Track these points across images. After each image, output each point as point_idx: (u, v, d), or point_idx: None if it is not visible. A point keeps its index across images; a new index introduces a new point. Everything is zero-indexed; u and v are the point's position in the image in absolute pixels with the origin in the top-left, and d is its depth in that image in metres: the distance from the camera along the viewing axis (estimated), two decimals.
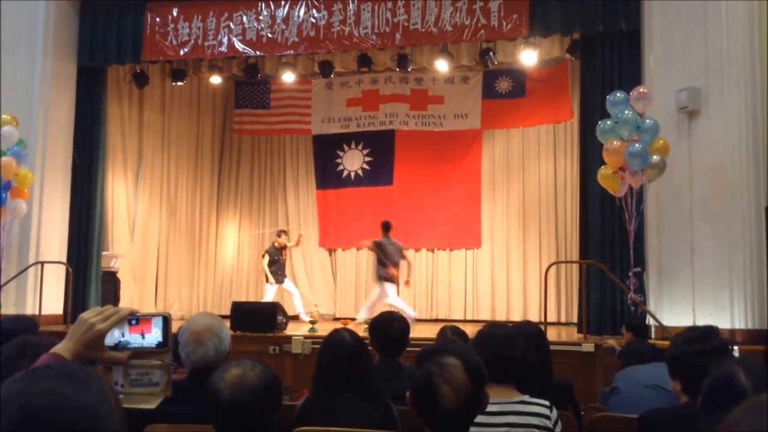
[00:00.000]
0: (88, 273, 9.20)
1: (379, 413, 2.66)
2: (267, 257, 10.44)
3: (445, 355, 1.89)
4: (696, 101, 6.87)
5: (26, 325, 3.95)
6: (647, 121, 6.74)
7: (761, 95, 6.67)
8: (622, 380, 3.45)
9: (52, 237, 8.95)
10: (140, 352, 1.48)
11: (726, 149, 6.69)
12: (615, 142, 6.84)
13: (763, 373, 2.02)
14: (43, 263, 8.48)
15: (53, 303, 8.74)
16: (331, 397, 2.66)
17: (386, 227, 9.79)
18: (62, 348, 1.40)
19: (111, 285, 9.69)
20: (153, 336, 1.49)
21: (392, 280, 9.52)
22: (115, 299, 9.51)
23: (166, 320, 1.50)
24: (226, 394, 1.93)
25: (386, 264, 9.48)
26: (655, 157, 6.65)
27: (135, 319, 1.48)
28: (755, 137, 6.63)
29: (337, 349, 2.80)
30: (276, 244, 10.62)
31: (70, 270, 8.75)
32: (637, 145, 6.70)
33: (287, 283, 10.68)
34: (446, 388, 1.82)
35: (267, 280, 10.44)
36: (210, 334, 2.67)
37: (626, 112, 6.79)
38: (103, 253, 9.64)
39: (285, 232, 10.91)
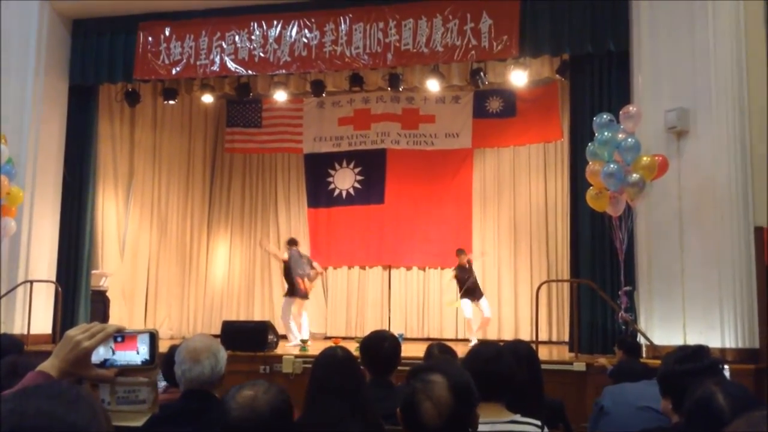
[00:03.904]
0: (77, 292, 9.15)
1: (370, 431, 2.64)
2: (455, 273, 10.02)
3: (431, 372, 1.90)
4: (684, 121, 6.93)
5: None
6: (629, 140, 6.77)
7: (749, 115, 6.74)
8: (610, 399, 3.42)
9: (42, 255, 8.90)
10: (127, 370, 1.47)
11: (715, 168, 6.75)
12: (596, 164, 6.89)
13: (741, 394, 2.02)
14: (32, 282, 8.43)
15: (42, 322, 8.67)
16: (323, 414, 2.64)
17: (293, 242, 9.97)
18: (48, 366, 1.38)
19: (100, 304, 9.63)
20: (139, 353, 1.48)
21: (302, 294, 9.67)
22: (104, 318, 9.43)
23: (153, 337, 1.49)
24: (234, 415, 1.91)
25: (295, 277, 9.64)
26: (634, 175, 6.67)
27: (121, 337, 1.47)
28: (743, 156, 6.70)
29: (329, 365, 2.79)
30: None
31: (60, 289, 8.69)
32: (611, 165, 6.74)
33: (482, 301, 10.11)
34: (428, 405, 1.82)
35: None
36: (207, 353, 2.68)
37: (606, 133, 6.83)
38: (93, 271, 9.59)
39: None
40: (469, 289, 9.93)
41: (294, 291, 9.61)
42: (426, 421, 1.82)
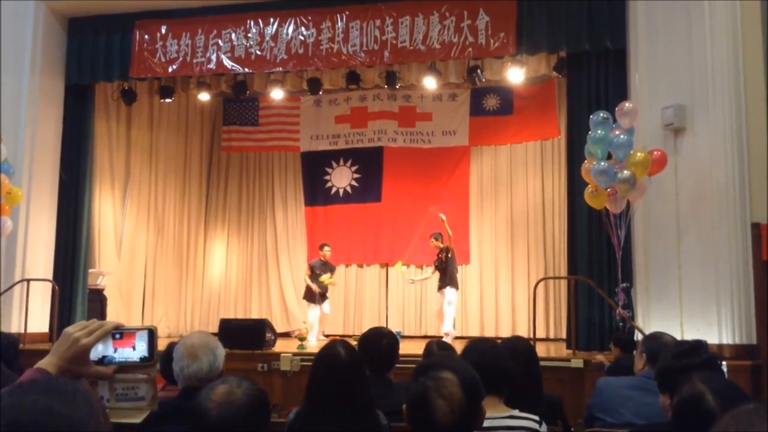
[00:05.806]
0: (74, 290, 9.13)
1: (369, 429, 2.63)
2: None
3: (441, 369, 1.89)
4: (682, 118, 6.93)
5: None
6: (621, 136, 6.77)
7: (746, 111, 6.75)
8: (607, 413, 3.26)
9: (39, 254, 8.88)
10: (126, 367, 1.47)
11: (712, 165, 6.76)
12: (590, 162, 6.90)
13: (730, 391, 1.99)
14: (29, 281, 8.42)
15: (39, 321, 8.66)
16: (322, 411, 2.63)
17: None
18: (47, 363, 1.38)
19: (97, 303, 9.61)
20: (138, 350, 1.47)
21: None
22: (101, 317, 9.42)
23: (152, 333, 1.49)
24: (214, 413, 1.90)
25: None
26: (625, 172, 6.67)
27: (119, 334, 1.47)
28: (740, 153, 6.70)
29: (329, 362, 2.75)
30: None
31: (57, 287, 8.67)
32: (602, 162, 6.75)
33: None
34: (441, 402, 1.82)
35: None
36: (206, 349, 2.68)
37: (599, 131, 6.83)
38: (90, 270, 9.57)
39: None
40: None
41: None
42: (438, 418, 1.82)
